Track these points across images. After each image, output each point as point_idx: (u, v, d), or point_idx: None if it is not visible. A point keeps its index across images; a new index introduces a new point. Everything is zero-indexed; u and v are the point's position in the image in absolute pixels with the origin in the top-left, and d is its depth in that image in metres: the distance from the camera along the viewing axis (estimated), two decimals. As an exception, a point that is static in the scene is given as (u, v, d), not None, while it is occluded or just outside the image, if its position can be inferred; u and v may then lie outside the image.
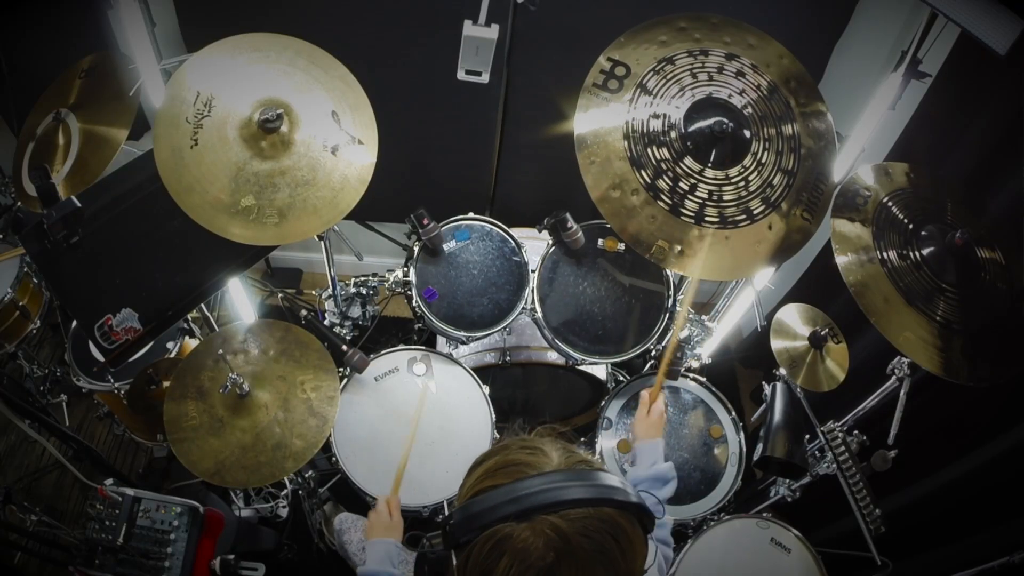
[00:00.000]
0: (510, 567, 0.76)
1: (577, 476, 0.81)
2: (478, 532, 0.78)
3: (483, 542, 0.77)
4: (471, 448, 1.96)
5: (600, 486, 0.80)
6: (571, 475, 0.81)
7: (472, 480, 0.87)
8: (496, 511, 0.77)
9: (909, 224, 1.59)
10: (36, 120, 1.84)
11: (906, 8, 2.01)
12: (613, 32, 1.61)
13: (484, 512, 0.78)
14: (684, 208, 1.55)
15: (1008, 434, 1.75)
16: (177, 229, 1.56)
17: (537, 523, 0.76)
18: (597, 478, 0.81)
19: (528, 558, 0.75)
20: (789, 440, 1.78)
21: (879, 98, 1.72)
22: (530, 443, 0.87)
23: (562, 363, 2.21)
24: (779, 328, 1.87)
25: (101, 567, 1.74)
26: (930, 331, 1.50)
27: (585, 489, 0.79)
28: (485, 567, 0.77)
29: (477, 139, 2.53)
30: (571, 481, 0.79)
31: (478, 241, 2.09)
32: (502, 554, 0.76)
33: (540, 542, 0.75)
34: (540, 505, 0.77)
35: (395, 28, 2.16)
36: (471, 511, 0.79)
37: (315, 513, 2.34)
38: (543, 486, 0.78)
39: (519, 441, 0.89)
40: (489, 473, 0.85)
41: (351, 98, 1.57)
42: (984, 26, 1.38)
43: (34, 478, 2.60)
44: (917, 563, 1.96)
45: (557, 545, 0.75)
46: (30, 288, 2.31)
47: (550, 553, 0.75)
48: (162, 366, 2.13)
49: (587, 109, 1.56)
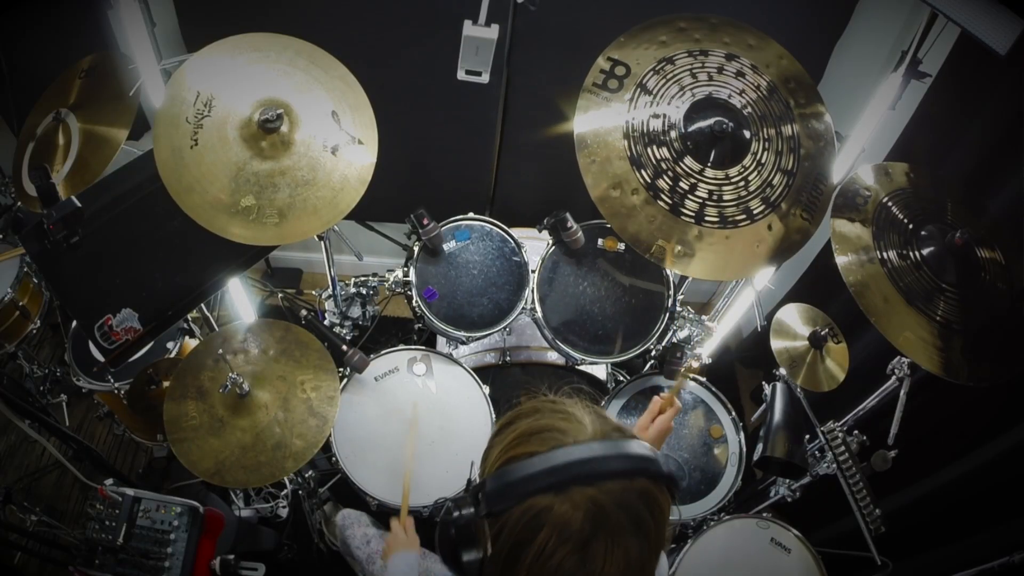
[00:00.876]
0: (548, 539, 0.75)
1: (612, 446, 0.80)
2: (514, 502, 0.77)
3: (520, 513, 0.76)
4: (471, 448, 1.96)
5: (635, 456, 0.80)
6: (606, 445, 0.80)
7: (503, 444, 0.84)
8: (533, 481, 0.76)
9: (909, 224, 1.59)
10: (36, 120, 1.84)
11: (906, 8, 2.01)
12: (613, 32, 1.62)
13: (521, 481, 0.77)
14: (684, 208, 1.55)
15: (1008, 434, 1.75)
16: (177, 229, 1.56)
17: (575, 494, 0.76)
18: (631, 448, 0.81)
19: (567, 531, 0.75)
20: (789, 440, 1.78)
21: (879, 98, 1.72)
22: (561, 407, 0.86)
23: (562, 363, 2.21)
24: (779, 328, 1.87)
25: (101, 567, 1.74)
26: (930, 331, 1.50)
27: (621, 460, 0.79)
28: (521, 538, 0.76)
29: (477, 139, 2.53)
30: (607, 451, 0.79)
31: (478, 241, 2.09)
32: (540, 526, 0.75)
33: (579, 515, 0.75)
34: (578, 476, 0.76)
35: (395, 28, 2.16)
36: (506, 480, 0.78)
37: (315, 513, 2.34)
38: (580, 456, 0.78)
39: (550, 404, 0.87)
40: (522, 438, 0.83)
41: (351, 98, 1.57)
42: (984, 26, 1.37)
43: (34, 478, 2.59)
44: (917, 563, 1.96)
45: (595, 518, 0.75)
46: (30, 288, 2.31)
47: (587, 525, 0.75)
48: (162, 366, 2.13)
49: (587, 109, 1.56)
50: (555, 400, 0.89)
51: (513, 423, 0.87)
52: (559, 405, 0.87)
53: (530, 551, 0.76)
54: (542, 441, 0.81)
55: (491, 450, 0.87)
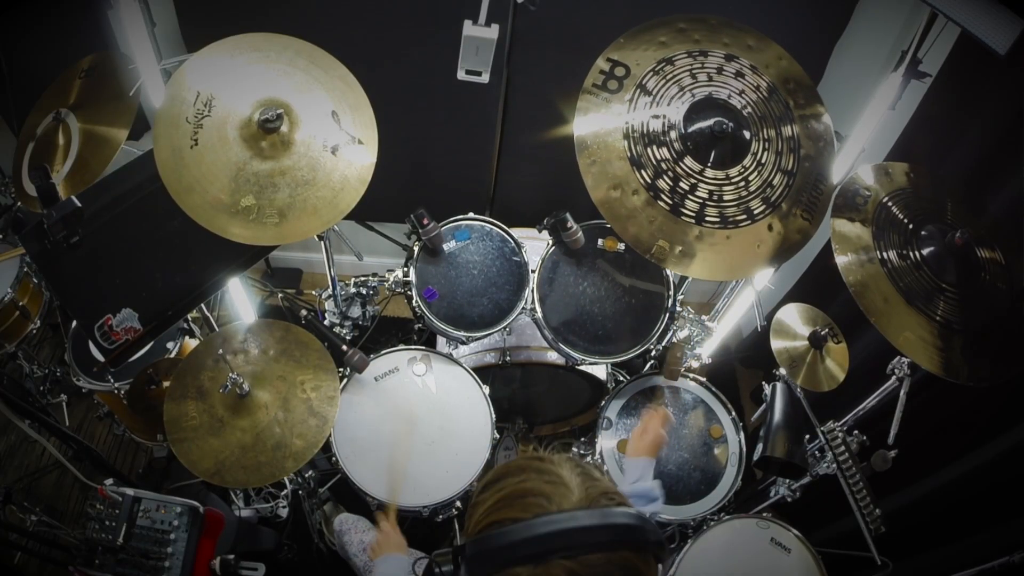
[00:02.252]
0: None
1: (597, 515, 0.79)
2: (493, 570, 0.77)
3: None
4: (471, 448, 1.96)
5: (619, 527, 0.79)
6: (590, 515, 0.79)
7: (487, 505, 0.84)
8: (513, 550, 0.77)
9: (909, 224, 1.59)
10: (36, 120, 1.84)
11: (906, 8, 2.01)
12: (613, 33, 1.62)
13: (500, 550, 0.77)
14: (684, 208, 1.55)
15: (1008, 434, 1.75)
16: (177, 229, 1.56)
17: (554, 567, 0.75)
18: (616, 518, 0.80)
19: None
20: (789, 440, 1.78)
21: (879, 98, 1.72)
22: (548, 467, 0.85)
23: (562, 363, 2.21)
24: (779, 328, 1.88)
25: (101, 567, 1.74)
26: (930, 331, 1.50)
27: (604, 532, 0.78)
28: None
29: (477, 139, 2.53)
30: (589, 522, 0.78)
31: (478, 241, 2.09)
32: None
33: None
34: (559, 548, 0.76)
35: (395, 28, 2.16)
36: (487, 547, 0.79)
37: (315, 513, 2.34)
38: (562, 527, 0.77)
39: (537, 463, 0.86)
40: (506, 501, 0.83)
41: (351, 98, 1.57)
42: (984, 26, 1.37)
43: (34, 478, 2.60)
44: (917, 563, 1.96)
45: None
46: (30, 288, 2.31)
47: None
48: (162, 366, 2.13)
49: (587, 110, 1.56)
50: (543, 458, 0.88)
51: (499, 481, 0.86)
52: (546, 465, 0.86)
53: None
54: (525, 507, 0.81)
55: (475, 508, 0.86)
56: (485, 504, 0.84)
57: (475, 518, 0.85)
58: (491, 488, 0.86)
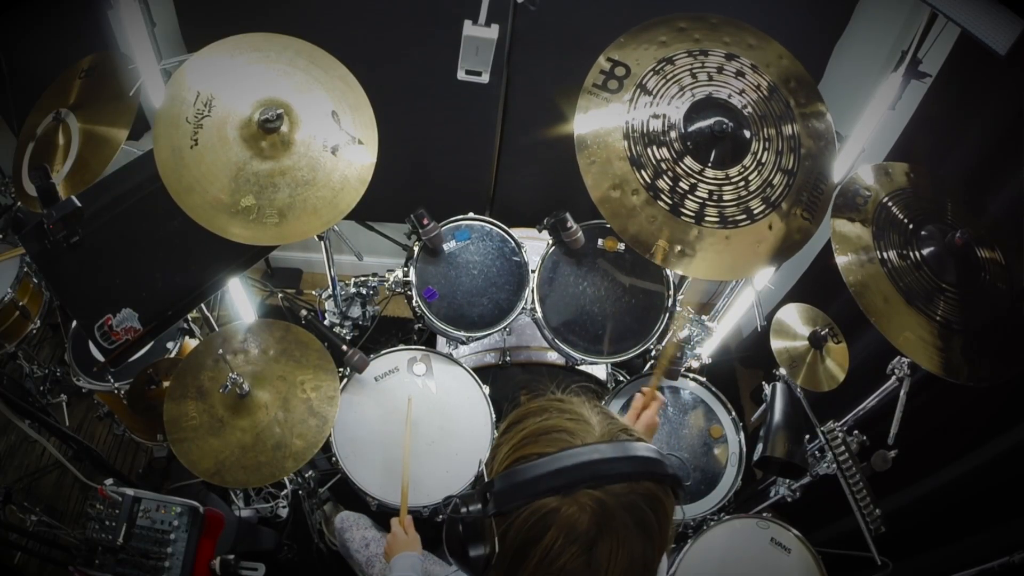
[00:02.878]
0: (555, 540, 0.76)
1: (619, 448, 0.81)
2: (523, 503, 0.78)
3: (528, 513, 0.78)
4: (471, 448, 1.96)
5: (641, 459, 0.81)
6: (613, 447, 0.81)
7: (511, 443, 0.86)
8: (542, 483, 0.78)
9: (909, 224, 1.59)
10: (36, 120, 1.84)
11: (906, 8, 2.01)
12: (613, 32, 1.61)
13: (529, 483, 0.78)
14: (684, 208, 1.55)
15: (1008, 434, 1.75)
16: (177, 229, 1.56)
17: (582, 496, 0.77)
18: (637, 450, 0.82)
19: (573, 532, 0.76)
20: (789, 440, 1.78)
21: (879, 98, 1.72)
22: (569, 407, 0.87)
23: (562, 363, 2.21)
24: (779, 328, 1.87)
25: (101, 567, 1.74)
26: (930, 331, 1.50)
27: (627, 463, 0.80)
28: (528, 537, 0.78)
29: (477, 139, 2.53)
30: (613, 454, 0.80)
31: (478, 241, 2.09)
32: (548, 527, 0.77)
33: (585, 517, 0.77)
34: (585, 478, 0.78)
35: (395, 28, 2.16)
36: (515, 480, 0.79)
37: (315, 513, 2.34)
38: (588, 458, 0.79)
39: (558, 403, 0.88)
40: (531, 438, 0.84)
41: (351, 98, 1.57)
42: (984, 26, 1.37)
43: (34, 478, 2.59)
44: (917, 563, 1.96)
45: (601, 520, 0.77)
46: (30, 288, 2.31)
47: (593, 527, 0.77)
48: (162, 366, 2.13)
49: (587, 110, 1.56)
50: (563, 399, 0.90)
51: (521, 421, 0.88)
52: (567, 405, 0.88)
53: (537, 551, 0.77)
54: (550, 442, 0.83)
55: (499, 448, 0.88)
56: (510, 442, 0.86)
57: (500, 456, 0.86)
58: (514, 428, 0.87)
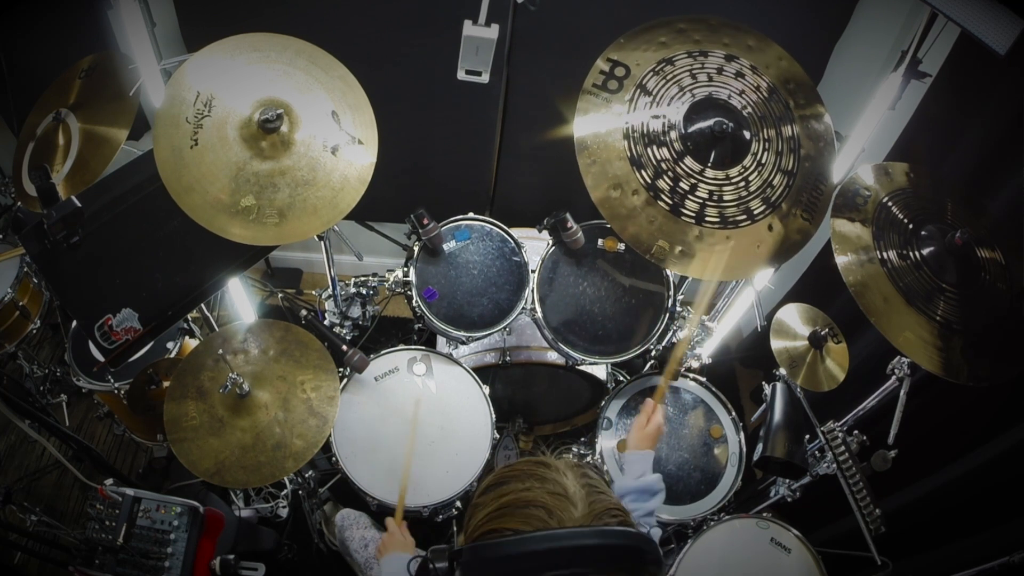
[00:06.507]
0: None
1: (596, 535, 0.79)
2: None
3: None
4: (471, 448, 1.96)
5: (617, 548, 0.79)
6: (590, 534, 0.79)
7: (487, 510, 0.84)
8: (509, 564, 0.77)
9: (909, 224, 1.59)
10: (36, 120, 1.84)
11: (906, 8, 2.01)
12: (613, 33, 1.62)
13: (496, 561, 0.77)
14: (684, 208, 1.55)
15: (1008, 434, 1.75)
16: (177, 229, 1.56)
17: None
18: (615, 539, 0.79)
19: None
20: (789, 440, 1.78)
21: (879, 98, 1.72)
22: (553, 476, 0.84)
23: (562, 363, 2.21)
24: (779, 328, 1.87)
25: (101, 567, 1.74)
26: (930, 331, 1.50)
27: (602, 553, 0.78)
28: None
29: (477, 139, 2.53)
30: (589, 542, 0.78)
31: (478, 241, 2.09)
32: None
33: None
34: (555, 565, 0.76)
35: (395, 28, 2.16)
36: (483, 555, 0.79)
37: (315, 513, 2.34)
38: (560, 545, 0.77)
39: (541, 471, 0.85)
40: (508, 510, 0.82)
41: (351, 98, 1.57)
42: (984, 26, 1.37)
43: (34, 478, 2.59)
44: (917, 563, 1.96)
45: None
46: (30, 288, 2.31)
47: None
48: (162, 366, 2.13)
49: (587, 110, 1.56)
50: (549, 465, 0.86)
51: (501, 486, 0.85)
52: (551, 474, 0.85)
53: None
54: (526, 519, 0.80)
55: (476, 510, 0.85)
56: (486, 509, 0.84)
57: (475, 522, 0.84)
58: (493, 492, 0.85)
